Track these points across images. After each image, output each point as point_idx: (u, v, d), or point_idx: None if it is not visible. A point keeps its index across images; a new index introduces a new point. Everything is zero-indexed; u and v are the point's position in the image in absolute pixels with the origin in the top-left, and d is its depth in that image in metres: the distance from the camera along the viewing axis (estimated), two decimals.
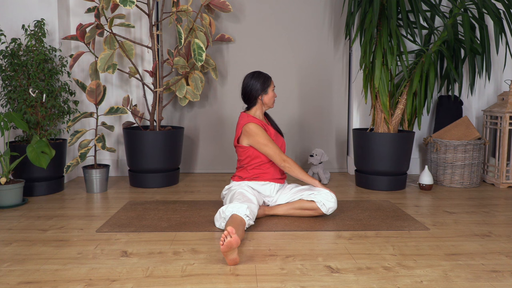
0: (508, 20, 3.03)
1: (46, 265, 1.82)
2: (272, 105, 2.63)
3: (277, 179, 2.58)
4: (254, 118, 2.52)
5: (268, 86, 2.57)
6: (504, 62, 3.32)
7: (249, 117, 2.52)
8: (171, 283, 1.66)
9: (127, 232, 2.24)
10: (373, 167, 3.19)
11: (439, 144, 3.39)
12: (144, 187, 3.28)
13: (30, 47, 2.98)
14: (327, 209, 2.43)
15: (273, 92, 2.60)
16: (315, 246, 2.06)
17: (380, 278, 1.71)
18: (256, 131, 2.47)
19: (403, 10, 2.97)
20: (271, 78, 2.61)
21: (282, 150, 2.61)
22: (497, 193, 3.18)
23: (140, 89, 3.66)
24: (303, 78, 3.87)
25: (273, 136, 2.59)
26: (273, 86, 2.60)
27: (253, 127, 2.48)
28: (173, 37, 3.75)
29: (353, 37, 3.57)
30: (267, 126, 2.59)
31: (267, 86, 2.56)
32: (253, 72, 2.58)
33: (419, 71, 3.11)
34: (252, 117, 2.53)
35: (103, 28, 3.11)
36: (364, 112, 3.78)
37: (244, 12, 3.77)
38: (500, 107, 3.39)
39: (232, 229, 1.77)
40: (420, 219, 2.51)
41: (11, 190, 2.70)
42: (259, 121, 2.54)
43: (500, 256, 1.95)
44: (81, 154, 2.99)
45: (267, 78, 2.58)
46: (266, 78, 2.58)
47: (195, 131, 3.88)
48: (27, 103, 2.93)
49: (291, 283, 1.66)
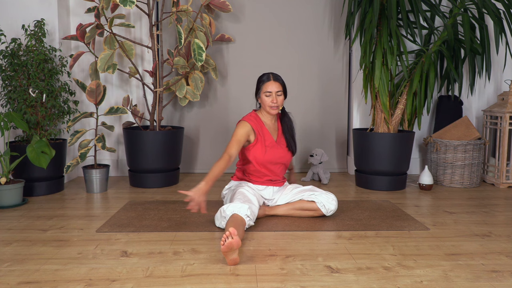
0: (508, 20, 3.03)
1: (46, 265, 1.82)
2: (270, 110, 2.42)
3: (273, 181, 2.52)
4: (246, 116, 2.46)
5: (259, 89, 2.45)
6: (504, 62, 3.32)
7: (246, 116, 2.49)
8: (171, 283, 1.66)
9: (127, 232, 2.24)
10: (373, 167, 3.19)
11: (439, 144, 3.39)
12: (144, 187, 3.28)
13: (30, 47, 2.98)
14: (327, 211, 2.43)
15: (266, 98, 2.41)
16: (315, 246, 2.06)
17: (380, 278, 1.71)
18: (236, 128, 2.40)
19: (403, 10, 2.97)
20: (265, 82, 2.43)
21: (278, 161, 2.47)
22: (497, 193, 3.18)
23: (140, 89, 3.65)
24: (303, 78, 3.87)
25: (268, 143, 2.45)
26: (267, 91, 2.41)
27: (238, 124, 2.43)
28: (173, 37, 3.75)
29: (353, 37, 3.56)
30: (263, 130, 2.46)
31: (259, 89, 2.45)
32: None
33: (419, 71, 3.11)
34: (247, 115, 2.47)
35: (103, 28, 3.11)
36: (364, 112, 3.78)
37: (244, 12, 3.77)
38: (500, 107, 3.39)
39: (234, 230, 1.77)
40: (420, 219, 2.51)
41: (11, 190, 2.70)
42: (250, 120, 2.43)
43: (500, 256, 1.95)
44: (81, 154, 2.99)
45: (260, 81, 2.46)
46: (260, 80, 2.46)
47: (195, 131, 3.88)
48: (27, 103, 2.93)
49: (291, 283, 1.66)
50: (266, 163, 2.45)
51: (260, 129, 2.46)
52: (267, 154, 2.44)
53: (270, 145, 2.46)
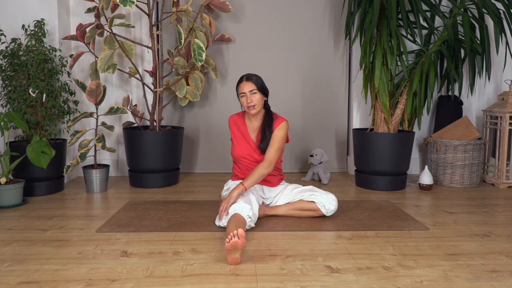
0: (508, 20, 3.03)
1: (46, 265, 1.82)
2: (249, 111, 2.44)
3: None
4: (234, 114, 2.62)
5: (237, 93, 2.47)
6: (504, 62, 3.32)
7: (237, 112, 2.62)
8: (171, 283, 1.66)
9: (127, 232, 2.24)
10: (373, 167, 3.19)
11: (439, 144, 3.39)
12: (144, 187, 3.28)
13: (30, 47, 2.98)
14: (327, 211, 2.43)
15: (242, 99, 2.44)
16: (315, 246, 2.06)
17: (380, 278, 1.71)
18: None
19: (403, 10, 2.97)
20: (239, 84, 2.45)
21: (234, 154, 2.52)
22: (497, 193, 3.18)
23: (140, 89, 3.66)
24: (303, 78, 3.87)
25: (236, 136, 2.52)
26: (241, 92, 2.42)
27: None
28: (173, 37, 3.75)
29: (353, 37, 3.57)
30: (239, 126, 2.53)
31: (237, 93, 2.48)
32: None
33: (419, 71, 3.11)
34: (237, 113, 2.63)
35: (103, 28, 3.11)
36: (364, 112, 3.78)
37: (244, 12, 3.77)
38: (500, 107, 3.39)
39: (243, 233, 1.79)
40: (420, 219, 2.51)
41: (11, 190, 2.70)
42: (233, 117, 2.59)
43: (500, 256, 1.95)
44: (81, 154, 2.99)
45: (237, 82, 2.48)
46: (237, 82, 2.49)
47: (195, 131, 3.88)
48: (27, 103, 2.93)
49: (291, 283, 1.66)
50: (240, 157, 2.52)
51: (239, 126, 2.55)
52: (236, 150, 2.52)
53: (241, 141, 2.53)
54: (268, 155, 2.38)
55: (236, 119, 2.58)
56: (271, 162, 2.37)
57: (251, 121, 2.54)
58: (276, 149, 2.39)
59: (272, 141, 2.42)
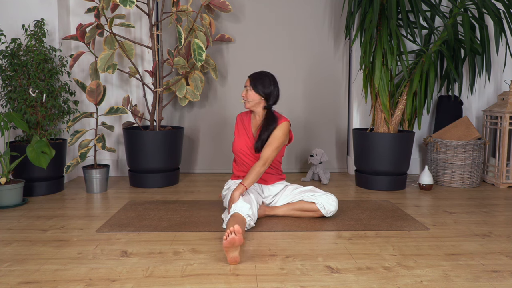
0: (508, 20, 3.03)
1: (46, 265, 1.82)
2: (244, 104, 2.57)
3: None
4: (243, 111, 2.68)
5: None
6: (504, 62, 3.32)
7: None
8: (171, 283, 1.66)
9: (127, 232, 2.24)
10: (373, 167, 3.19)
11: (439, 144, 3.39)
12: (144, 187, 3.28)
13: (30, 47, 2.98)
14: (327, 212, 2.43)
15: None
16: (315, 246, 2.06)
17: (380, 278, 1.71)
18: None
19: (403, 10, 2.97)
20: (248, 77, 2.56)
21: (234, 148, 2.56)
22: (497, 193, 3.18)
23: (140, 89, 3.66)
24: (303, 78, 3.87)
25: (239, 130, 2.59)
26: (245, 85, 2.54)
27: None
28: (173, 37, 3.75)
29: (353, 37, 3.57)
30: (244, 121, 2.59)
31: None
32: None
33: (419, 71, 3.11)
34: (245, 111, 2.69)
35: (103, 28, 3.11)
36: (364, 112, 3.78)
37: (244, 12, 3.77)
38: (500, 107, 3.39)
39: (240, 229, 1.79)
40: (420, 219, 2.51)
41: (11, 190, 2.70)
42: (241, 114, 2.65)
43: (500, 256, 1.95)
44: (81, 154, 2.99)
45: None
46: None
47: (195, 131, 3.88)
48: (27, 103, 2.93)
49: (291, 283, 1.66)
50: (238, 151, 2.55)
51: (243, 121, 2.60)
52: (236, 143, 2.56)
53: (242, 134, 2.56)
54: (264, 153, 2.40)
55: (243, 115, 2.65)
56: (266, 160, 2.38)
57: (255, 118, 2.60)
58: (273, 148, 2.41)
59: (270, 140, 2.43)
